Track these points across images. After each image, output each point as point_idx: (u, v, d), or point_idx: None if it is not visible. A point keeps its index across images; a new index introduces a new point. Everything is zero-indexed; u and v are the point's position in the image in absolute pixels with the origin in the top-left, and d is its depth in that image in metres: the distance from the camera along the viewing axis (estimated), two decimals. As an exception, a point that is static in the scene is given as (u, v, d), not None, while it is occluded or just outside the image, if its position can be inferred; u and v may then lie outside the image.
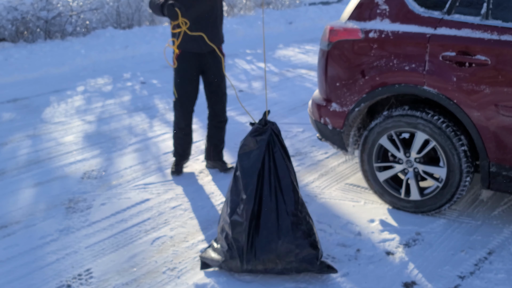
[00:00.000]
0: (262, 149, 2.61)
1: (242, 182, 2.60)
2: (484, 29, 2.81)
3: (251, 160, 2.61)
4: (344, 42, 3.27)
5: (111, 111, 5.87)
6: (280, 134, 2.69)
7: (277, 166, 2.60)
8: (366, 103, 3.21)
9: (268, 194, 2.56)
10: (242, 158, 2.66)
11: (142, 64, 8.45)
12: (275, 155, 2.61)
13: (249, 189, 2.56)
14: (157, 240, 3.01)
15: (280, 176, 2.59)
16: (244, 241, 2.53)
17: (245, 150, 2.67)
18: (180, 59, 3.65)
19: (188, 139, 3.90)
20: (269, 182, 2.57)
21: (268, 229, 2.53)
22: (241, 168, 2.63)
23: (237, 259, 2.55)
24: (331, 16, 13.02)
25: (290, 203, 2.56)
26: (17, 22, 9.55)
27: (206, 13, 3.55)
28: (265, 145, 2.61)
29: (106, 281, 2.65)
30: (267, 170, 2.58)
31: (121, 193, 3.67)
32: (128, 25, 11.24)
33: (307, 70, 7.60)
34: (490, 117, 2.80)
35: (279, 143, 2.65)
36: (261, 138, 2.63)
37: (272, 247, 2.52)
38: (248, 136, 2.68)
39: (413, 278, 2.59)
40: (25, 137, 5.02)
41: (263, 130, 2.66)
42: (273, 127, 2.67)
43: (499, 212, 3.19)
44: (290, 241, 2.52)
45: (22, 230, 3.21)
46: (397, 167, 3.18)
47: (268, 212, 2.55)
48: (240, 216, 2.56)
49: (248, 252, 2.52)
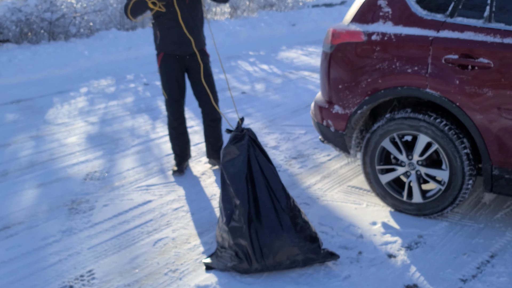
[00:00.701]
0: (245, 153, 2.71)
1: (232, 188, 2.68)
2: (487, 32, 2.81)
3: (237, 166, 2.70)
4: (347, 45, 3.27)
5: (114, 112, 5.89)
6: (257, 139, 2.81)
7: (262, 167, 2.71)
8: (369, 106, 3.21)
9: (262, 194, 2.65)
10: (226, 166, 2.75)
11: (145, 66, 8.47)
12: (258, 158, 2.72)
13: (241, 193, 2.63)
14: (159, 242, 3.02)
15: (267, 176, 2.70)
16: (248, 243, 2.58)
17: (228, 158, 2.76)
18: (164, 60, 3.71)
19: (184, 139, 3.92)
20: (260, 183, 2.67)
21: (270, 227, 2.60)
22: (228, 176, 2.71)
23: (245, 262, 2.60)
24: (334, 18, 13.02)
25: (282, 199, 2.67)
26: (21, 24, 9.59)
27: (189, 14, 3.60)
28: (246, 150, 2.72)
29: (108, 282, 2.65)
30: (255, 172, 2.68)
31: (124, 195, 3.68)
32: (132, 27, 11.26)
33: (310, 72, 7.60)
34: (492, 120, 2.79)
35: (257, 147, 2.77)
36: (241, 143, 2.74)
37: (278, 244, 2.58)
38: (228, 144, 2.79)
39: (415, 281, 2.58)
40: (28, 138, 5.04)
41: (241, 136, 2.78)
42: (249, 133, 2.80)
43: (501, 215, 3.18)
44: (293, 235, 2.61)
45: (24, 231, 3.22)
46: (400, 169, 3.17)
47: (267, 211, 2.63)
48: (238, 221, 2.63)
49: (254, 253, 2.58)
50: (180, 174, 3.93)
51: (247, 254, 2.59)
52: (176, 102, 3.80)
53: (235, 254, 2.63)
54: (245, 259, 2.60)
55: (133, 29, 11.17)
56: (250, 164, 2.69)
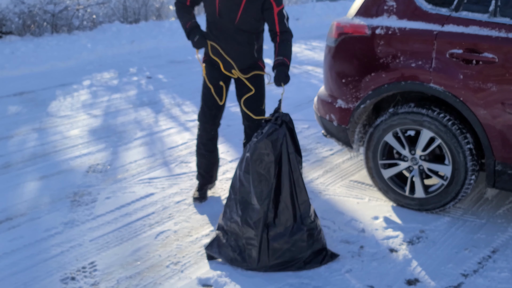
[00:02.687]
0: (277, 153, 2.56)
1: (254, 187, 2.59)
2: (492, 27, 2.79)
3: (266, 167, 2.58)
4: (351, 39, 3.26)
5: (117, 105, 5.89)
6: (293, 128, 2.67)
7: (292, 168, 2.59)
8: (372, 100, 3.20)
9: (285, 200, 2.59)
10: (255, 162, 2.59)
11: (148, 59, 8.46)
12: (289, 151, 2.59)
13: (264, 196, 2.57)
14: (161, 234, 3.02)
15: (295, 180, 2.60)
16: (257, 251, 2.59)
17: (258, 154, 2.59)
18: (207, 67, 3.20)
19: (212, 159, 3.38)
20: (285, 189, 2.58)
21: (284, 240, 2.60)
22: (254, 174, 2.59)
23: (247, 262, 2.62)
24: (338, 12, 12.97)
25: (305, 209, 2.63)
26: (24, 16, 9.58)
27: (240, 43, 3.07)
28: (279, 148, 2.57)
29: (110, 274, 2.66)
30: (284, 173, 2.57)
31: (126, 187, 3.68)
32: (135, 20, 11.24)
33: (313, 66, 7.58)
34: (496, 115, 2.78)
35: (292, 140, 2.63)
36: (276, 139, 2.57)
37: (286, 257, 2.60)
38: (263, 138, 2.59)
39: (416, 275, 2.58)
40: (31, 131, 5.04)
41: (277, 130, 2.60)
42: (286, 122, 2.63)
43: (504, 210, 3.18)
44: (303, 250, 2.62)
45: (27, 222, 3.23)
46: (402, 164, 3.17)
47: (286, 218, 2.61)
48: (254, 227, 2.59)
49: (259, 259, 2.59)
50: (201, 202, 3.38)
51: (252, 258, 2.60)
52: (212, 115, 3.22)
53: (240, 253, 2.64)
54: (249, 263, 2.62)
55: (136, 22, 11.16)
56: (281, 164, 2.56)
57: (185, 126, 5.02)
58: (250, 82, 3.12)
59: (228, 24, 3.02)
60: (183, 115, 5.35)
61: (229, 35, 3.06)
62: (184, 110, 5.55)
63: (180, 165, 4.05)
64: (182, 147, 4.46)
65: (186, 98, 5.91)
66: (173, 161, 4.12)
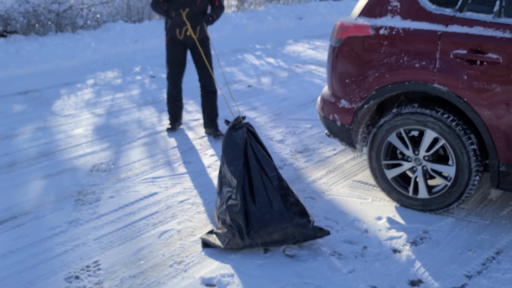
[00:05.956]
0: (242, 141, 3.01)
1: (230, 171, 2.93)
2: (496, 27, 2.79)
3: (235, 152, 2.98)
4: (354, 39, 3.25)
5: (120, 104, 5.90)
6: (255, 131, 3.11)
7: (256, 152, 2.98)
8: (375, 100, 3.20)
9: (255, 176, 2.88)
10: (226, 152, 3.04)
11: (151, 58, 8.47)
12: (252, 144, 3.01)
13: (237, 175, 2.87)
14: (164, 234, 3.03)
15: (261, 161, 2.96)
16: (241, 218, 2.75)
17: (227, 145, 3.06)
18: (170, 41, 4.50)
19: (179, 104, 4.77)
20: (254, 167, 2.92)
21: (262, 203, 2.80)
22: (227, 160, 2.99)
23: (237, 236, 2.76)
24: (342, 12, 12.95)
25: (274, 180, 2.91)
26: (29, 15, 9.61)
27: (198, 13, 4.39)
28: (243, 137, 3.01)
29: (114, 273, 2.67)
30: (250, 158, 2.95)
31: (130, 186, 3.70)
32: (139, 19, 11.26)
33: (317, 66, 7.57)
34: (500, 116, 2.78)
35: (254, 137, 3.07)
36: (239, 132, 3.05)
37: (268, 218, 2.76)
38: (228, 132, 3.10)
39: (420, 276, 2.58)
40: (35, 129, 5.06)
41: (240, 126, 3.10)
42: (248, 125, 3.11)
43: (508, 211, 3.17)
44: (282, 209, 2.78)
45: (31, 221, 3.25)
46: (406, 165, 3.17)
47: (260, 190, 2.85)
48: (234, 199, 2.83)
49: (246, 226, 2.75)
50: (173, 131, 4.78)
51: (240, 228, 2.75)
52: (178, 75, 4.62)
53: (229, 229, 2.79)
54: (237, 233, 2.75)
55: (140, 21, 11.17)
56: (247, 150, 2.99)
57: (188, 125, 5.03)
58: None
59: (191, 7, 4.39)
60: (186, 114, 5.35)
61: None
62: (187, 109, 5.56)
63: (183, 165, 4.06)
64: (186, 146, 4.47)
65: (189, 97, 5.92)
66: (176, 161, 4.13)
